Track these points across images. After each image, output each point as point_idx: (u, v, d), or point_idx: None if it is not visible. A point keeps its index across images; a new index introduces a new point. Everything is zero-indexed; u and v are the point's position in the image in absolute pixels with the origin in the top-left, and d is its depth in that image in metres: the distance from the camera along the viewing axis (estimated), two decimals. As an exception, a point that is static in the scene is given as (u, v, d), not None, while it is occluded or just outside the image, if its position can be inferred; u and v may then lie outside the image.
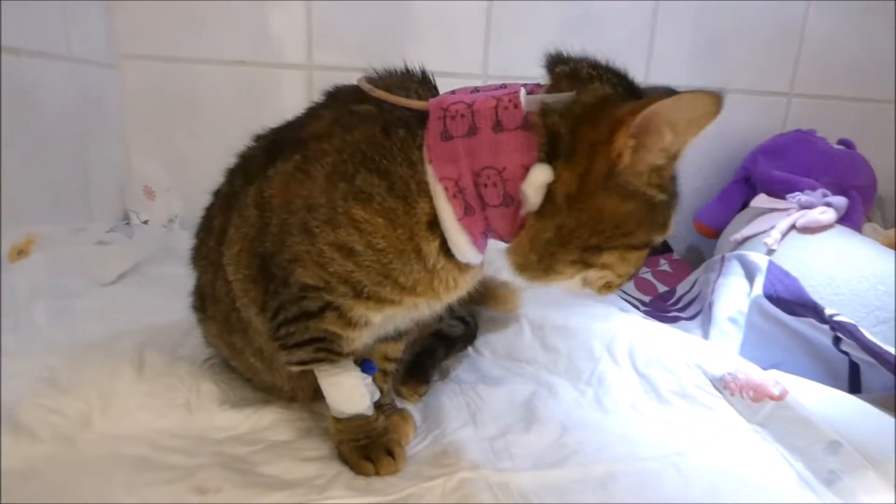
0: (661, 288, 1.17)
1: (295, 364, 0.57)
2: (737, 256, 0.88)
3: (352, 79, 0.57)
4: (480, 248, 0.52)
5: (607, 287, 0.53)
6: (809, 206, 0.87)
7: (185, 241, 1.08)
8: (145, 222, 1.12)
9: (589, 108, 0.46)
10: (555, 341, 0.84)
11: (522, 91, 0.48)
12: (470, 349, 0.86)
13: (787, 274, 0.75)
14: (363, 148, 0.49)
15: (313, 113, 0.58)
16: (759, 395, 0.66)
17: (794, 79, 1.29)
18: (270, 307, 0.55)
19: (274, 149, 0.57)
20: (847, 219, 1.05)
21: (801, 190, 0.95)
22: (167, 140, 1.15)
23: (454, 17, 1.16)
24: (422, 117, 0.50)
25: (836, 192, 1.01)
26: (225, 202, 0.61)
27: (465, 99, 0.48)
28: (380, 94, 0.51)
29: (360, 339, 0.57)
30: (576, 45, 1.30)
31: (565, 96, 0.47)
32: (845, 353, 0.69)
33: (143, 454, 0.56)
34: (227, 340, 0.65)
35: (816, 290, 0.77)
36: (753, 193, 1.09)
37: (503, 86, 0.50)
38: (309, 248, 0.50)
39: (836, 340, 0.67)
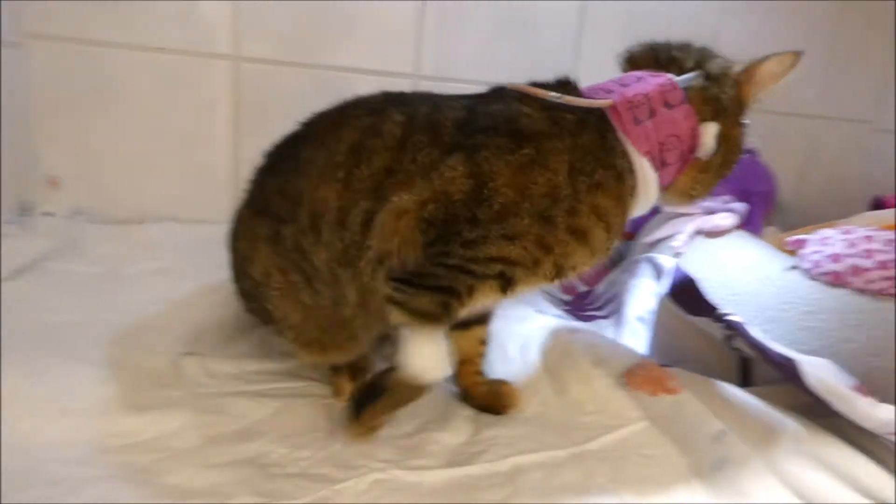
0: (582, 288, 1.22)
1: (405, 306, 0.59)
2: (647, 259, 0.93)
3: (281, 72, 0.57)
4: None
5: (708, 193, 0.70)
6: (713, 212, 0.92)
7: (92, 235, 1.03)
8: (48, 214, 1.05)
9: (720, 77, 0.64)
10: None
11: (674, 77, 0.63)
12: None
13: (688, 276, 0.80)
14: (592, 147, 0.60)
15: (510, 107, 0.62)
16: (656, 389, 0.70)
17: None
18: (430, 252, 0.59)
19: (466, 125, 0.61)
20: (749, 223, 1.12)
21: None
22: (76, 128, 1.08)
23: (386, 14, 1.15)
24: (598, 114, 0.61)
25: (739, 198, 1.08)
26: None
27: (637, 90, 0.62)
28: (569, 99, 0.61)
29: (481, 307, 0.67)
30: (508, 46, 1.33)
31: (694, 74, 0.64)
32: (737, 349, 0.74)
33: (27, 466, 0.53)
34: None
35: (716, 290, 0.81)
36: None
37: (638, 78, 0.64)
38: (542, 232, 0.58)
39: (729, 338, 0.72)
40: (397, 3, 1.15)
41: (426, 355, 0.60)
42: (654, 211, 0.91)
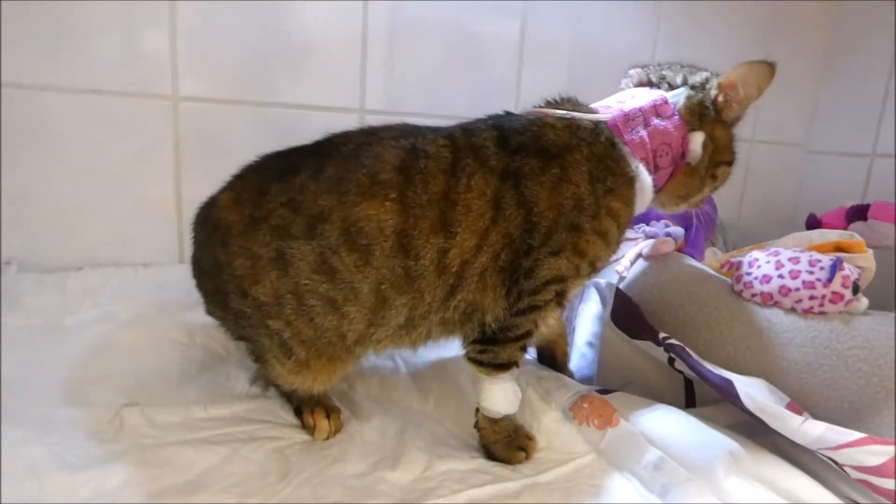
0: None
1: (495, 363, 0.69)
2: (593, 283, 0.95)
3: (223, 110, 0.57)
4: None
5: (702, 200, 0.81)
6: (654, 236, 0.95)
7: (28, 285, 0.99)
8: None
9: (703, 87, 0.74)
10: (425, 380, 0.86)
11: (664, 93, 0.74)
12: (344, 384, 0.87)
13: (629, 300, 0.82)
14: (602, 155, 0.67)
15: (539, 122, 0.69)
16: (602, 422, 0.71)
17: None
18: (513, 293, 0.66)
19: (503, 143, 0.67)
20: (691, 245, 1.16)
21: (649, 221, 1.04)
22: (8, 174, 1.05)
23: (329, 50, 1.17)
24: (603, 126, 0.70)
25: (680, 222, 1.12)
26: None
27: (633, 105, 0.72)
28: (576, 115, 0.70)
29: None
30: (454, 79, 1.34)
31: (682, 90, 0.74)
32: (680, 371, 0.76)
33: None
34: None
35: (657, 313, 0.84)
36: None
37: (633, 95, 0.75)
38: (575, 240, 0.65)
39: (671, 360, 0.74)
40: (340, 39, 1.17)
41: (508, 394, 0.70)
42: (647, 216, 0.96)
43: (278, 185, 0.67)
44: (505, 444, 0.71)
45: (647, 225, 1.00)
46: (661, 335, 0.74)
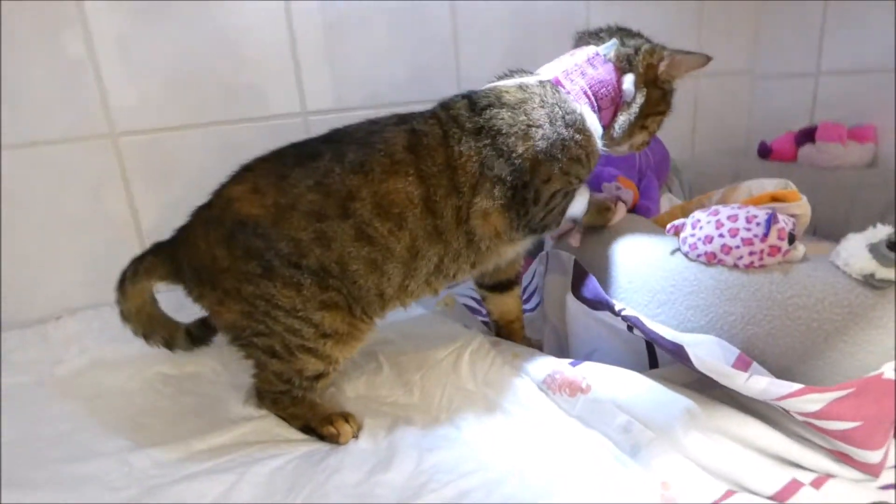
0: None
1: (555, 222, 0.87)
2: (553, 254, 0.99)
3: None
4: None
5: (643, 145, 0.92)
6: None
7: (10, 342, 1.01)
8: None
9: (635, 46, 0.86)
10: (408, 373, 0.91)
11: (597, 48, 0.87)
12: (333, 389, 0.92)
13: (585, 272, 0.87)
14: (551, 102, 0.81)
15: (496, 88, 0.84)
16: (573, 390, 0.76)
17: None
18: (523, 215, 0.82)
19: (472, 107, 0.81)
20: (645, 197, 1.20)
21: (603, 180, 1.07)
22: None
23: (260, 59, 1.16)
24: (541, 83, 0.83)
25: (631, 175, 1.16)
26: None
27: (571, 62, 0.86)
28: (525, 78, 0.86)
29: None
30: (389, 69, 1.32)
31: (610, 43, 0.87)
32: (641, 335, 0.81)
33: None
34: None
35: (616, 279, 0.89)
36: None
37: (572, 54, 0.88)
38: (558, 166, 0.80)
39: (629, 328, 0.79)
40: (268, 48, 1.16)
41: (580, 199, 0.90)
42: (599, 177, 1.05)
43: (301, 169, 0.77)
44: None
45: (600, 190, 1.04)
46: (617, 307, 0.78)
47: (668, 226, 0.83)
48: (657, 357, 0.83)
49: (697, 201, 1.00)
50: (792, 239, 0.74)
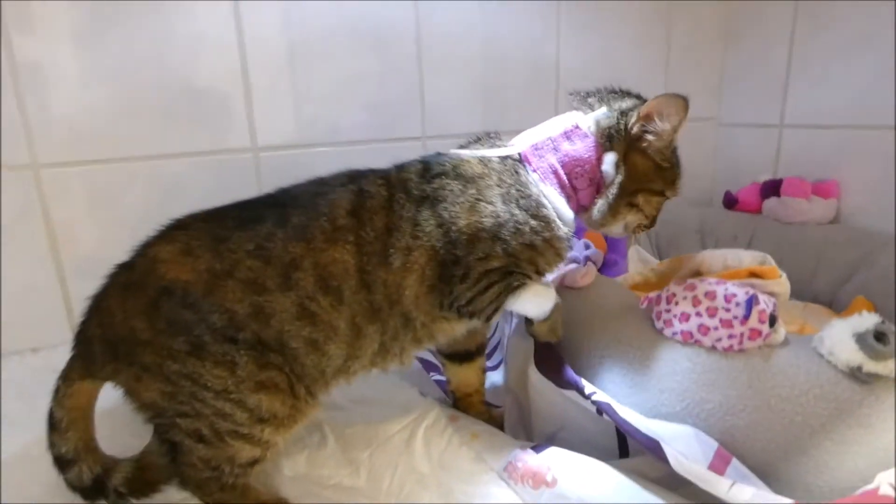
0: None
1: (489, 309, 0.74)
2: (517, 315, 0.92)
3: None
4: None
5: (640, 228, 0.82)
6: (575, 261, 0.93)
7: None
8: None
9: (624, 113, 0.77)
10: (355, 450, 0.81)
11: (579, 117, 0.79)
12: (269, 465, 0.81)
13: (551, 347, 0.80)
14: (511, 181, 0.74)
15: (458, 157, 0.77)
16: (536, 482, 0.69)
17: (558, 112, 1.38)
18: (447, 294, 0.72)
19: (424, 173, 0.74)
20: (613, 249, 1.15)
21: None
22: None
23: (209, 93, 1.06)
24: (504, 159, 0.76)
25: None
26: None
27: (544, 135, 0.78)
28: (485, 152, 0.78)
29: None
30: (348, 105, 1.25)
31: (599, 112, 0.78)
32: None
33: None
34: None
35: (581, 352, 0.82)
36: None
37: (549, 124, 0.80)
38: (500, 247, 0.71)
39: (599, 412, 0.72)
40: (217, 75, 1.06)
41: (538, 297, 0.76)
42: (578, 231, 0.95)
43: (241, 232, 0.68)
44: (551, 331, 0.80)
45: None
46: (587, 390, 0.71)
47: (643, 298, 0.77)
48: (627, 444, 0.76)
49: (669, 265, 0.95)
50: (773, 321, 0.69)
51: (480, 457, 0.76)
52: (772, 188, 1.38)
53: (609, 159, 0.76)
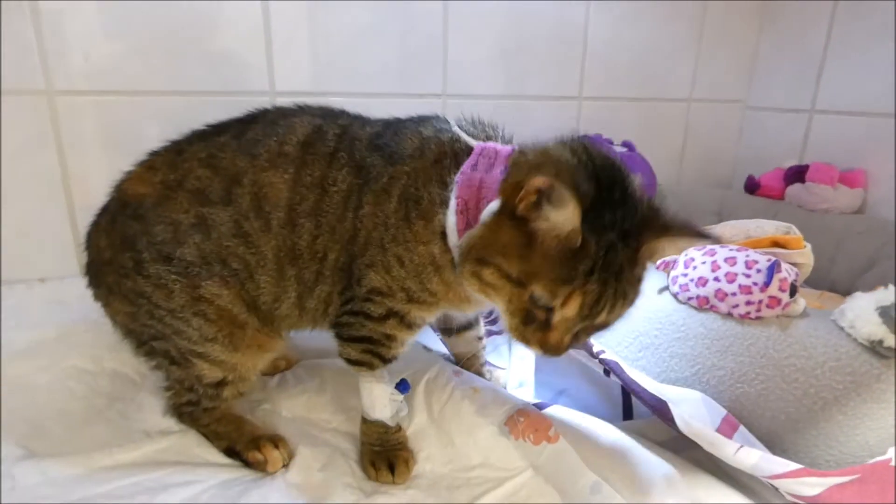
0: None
1: (343, 357, 0.69)
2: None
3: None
4: None
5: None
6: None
7: None
8: None
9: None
10: (355, 398, 0.80)
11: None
12: (268, 406, 0.81)
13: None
14: (426, 177, 0.62)
15: (416, 129, 0.65)
16: (538, 437, 0.68)
17: (583, 82, 1.35)
18: (346, 296, 0.66)
19: (374, 138, 0.65)
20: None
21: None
22: None
23: (229, 33, 1.04)
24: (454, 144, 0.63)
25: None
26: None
27: (496, 147, 0.62)
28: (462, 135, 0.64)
29: (408, 343, 0.70)
30: (370, 53, 1.21)
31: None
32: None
33: None
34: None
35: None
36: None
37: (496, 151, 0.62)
38: (381, 268, 0.63)
39: (606, 372, 0.71)
40: (240, 23, 1.04)
41: (371, 396, 0.69)
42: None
43: (200, 142, 0.67)
44: (367, 449, 0.70)
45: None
46: (595, 349, 0.70)
47: (659, 261, 0.75)
48: (632, 407, 0.75)
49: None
50: (794, 291, 0.67)
51: (481, 411, 0.75)
52: (797, 174, 1.35)
53: (490, 206, 0.56)
